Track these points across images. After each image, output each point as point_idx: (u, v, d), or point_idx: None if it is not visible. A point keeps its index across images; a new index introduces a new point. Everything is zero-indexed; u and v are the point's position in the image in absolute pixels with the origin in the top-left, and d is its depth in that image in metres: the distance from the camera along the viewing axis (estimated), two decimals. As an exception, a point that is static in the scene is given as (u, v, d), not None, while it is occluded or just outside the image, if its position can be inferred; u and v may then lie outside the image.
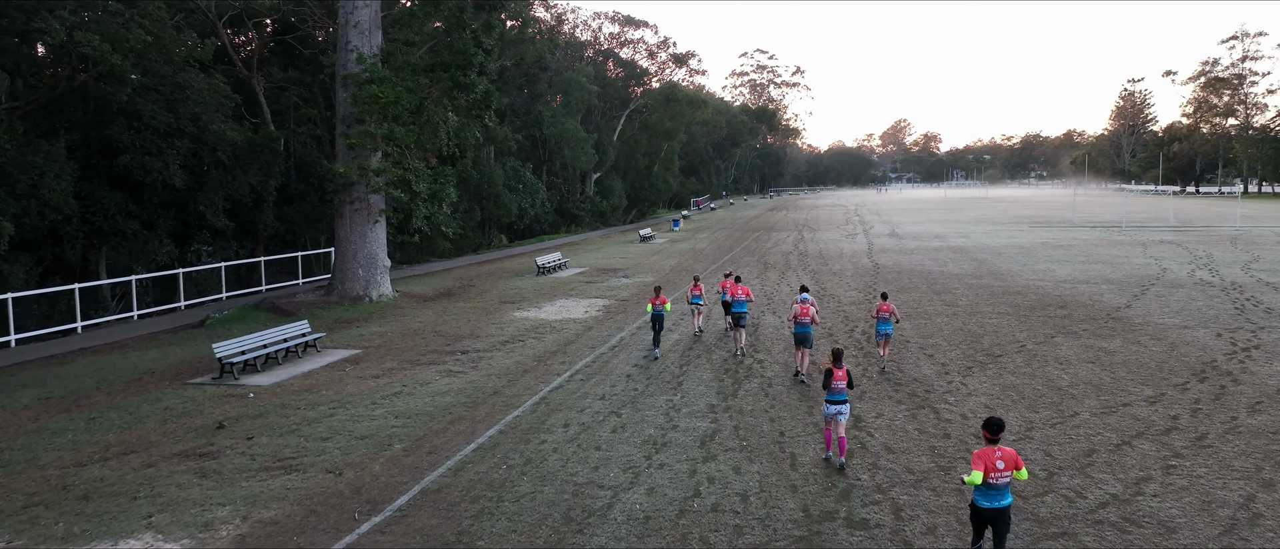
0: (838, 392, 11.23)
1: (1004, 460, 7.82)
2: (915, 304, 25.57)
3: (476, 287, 33.07)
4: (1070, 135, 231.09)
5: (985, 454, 7.84)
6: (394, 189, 27.97)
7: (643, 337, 21.47)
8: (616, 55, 76.45)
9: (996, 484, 7.81)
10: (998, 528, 7.94)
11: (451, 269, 40.46)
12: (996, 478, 7.79)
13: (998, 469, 7.79)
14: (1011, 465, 7.85)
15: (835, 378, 11.23)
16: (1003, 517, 7.91)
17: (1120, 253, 39.60)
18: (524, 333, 22.54)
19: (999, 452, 7.85)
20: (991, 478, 7.77)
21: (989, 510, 7.89)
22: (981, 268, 34.81)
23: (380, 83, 26.67)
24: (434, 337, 22.32)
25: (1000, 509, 7.89)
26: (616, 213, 76.55)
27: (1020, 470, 7.92)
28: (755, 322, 23.28)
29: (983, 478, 7.74)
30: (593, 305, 27.34)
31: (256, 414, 14.95)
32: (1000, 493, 7.86)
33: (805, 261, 39.49)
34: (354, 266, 28.33)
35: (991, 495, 7.86)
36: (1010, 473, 7.85)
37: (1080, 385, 15.56)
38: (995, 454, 7.83)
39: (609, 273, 37.14)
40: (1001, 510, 7.89)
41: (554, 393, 15.97)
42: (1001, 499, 7.87)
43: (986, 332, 20.99)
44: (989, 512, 7.90)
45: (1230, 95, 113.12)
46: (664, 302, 19.18)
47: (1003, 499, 7.88)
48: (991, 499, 7.87)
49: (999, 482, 7.81)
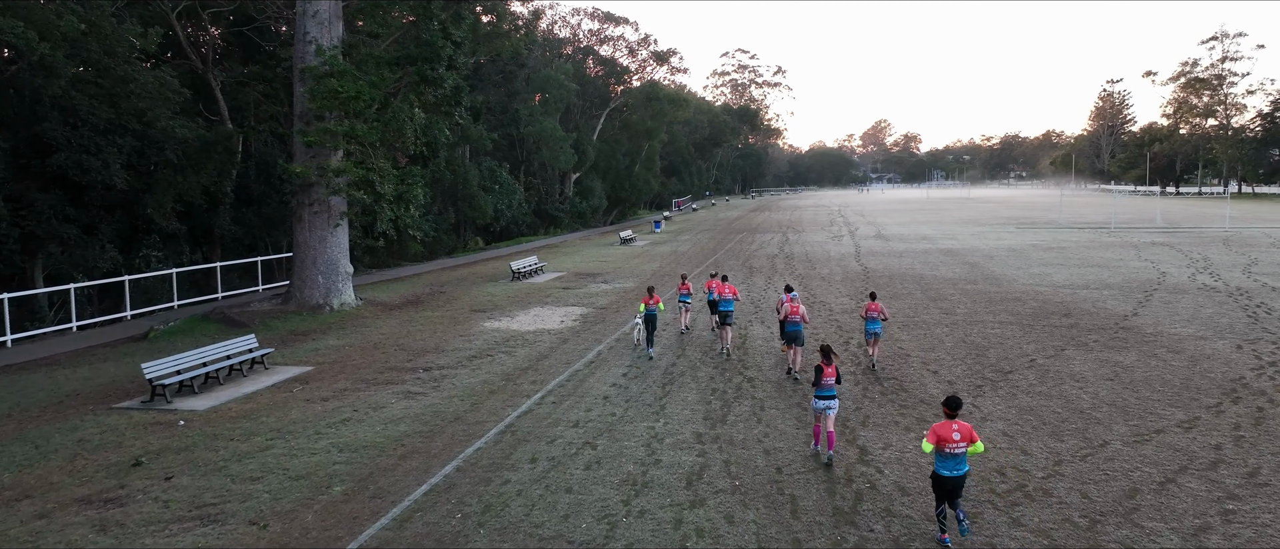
0: (827, 388, 11.51)
1: (960, 433, 8.80)
2: (912, 312, 24.12)
3: (447, 293, 31.26)
4: (1049, 136, 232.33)
5: (942, 428, 8.84)
6: (356, 190, 26.13)
7: (622, 351, 19.86)
8: (596, 53, 74.70)
9: (954, 453, 8.75)
10: (951, 495, 8.94)
11: (422, 274, 38.59)
12: (953, 448, 8.75)
13: (954, 441, 8.75)
14: (967, 439, 8.81)
15: (825, 374, 11.54)
16: (961, 484, 8.93)
17: (1114, 255, 38.49)
18: (493, 347, 20.82)
19: (955, 425, 8.83)
20: (949, 448, 8.74)
21: (948, 478, 8.85)
22: (975, 272, 33.50)
23: (340, 76, 24.83)
24: (395, 351, 20.54)
25: (958, 477, 8.85)
26: (597, 214, 74.85)
27: (976, 444, 8.87)
28: (743, 331, 21.73)
29: (935, 448, 8.79)
30: (569, 315, 25.66)
31: (182, 447, 13.15)
32: (958, 462, 8.81)
33: (792, 265, 38.03)
34: (313, 274, 26.45)
35: (950, 464, 8.81)
36: (966, 445, 8.78)
37: (1103, 407, 14.11)
38: (952, 427, 8.79)
39: (587, 278, 35.46)
40: (959, 478, 8.87)
41: (522, 419, 14.28)
42: (959, 468, 8.83)
43: (991, 343, 19.55)
44: (949, 479, 8.86)
45: (1210, 96, 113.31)
46: (657, 301, 19.23)
47: (960, 468, 8.84)
48: (950, 468, 8.82)
49: (956, 452, 8.75)
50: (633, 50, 76.21)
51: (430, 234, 45.06)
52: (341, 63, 25.36)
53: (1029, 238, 49.46)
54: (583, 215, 71.55)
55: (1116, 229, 54.67)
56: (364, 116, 26.11)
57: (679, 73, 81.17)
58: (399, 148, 30.10)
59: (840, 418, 13.79)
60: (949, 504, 8.99)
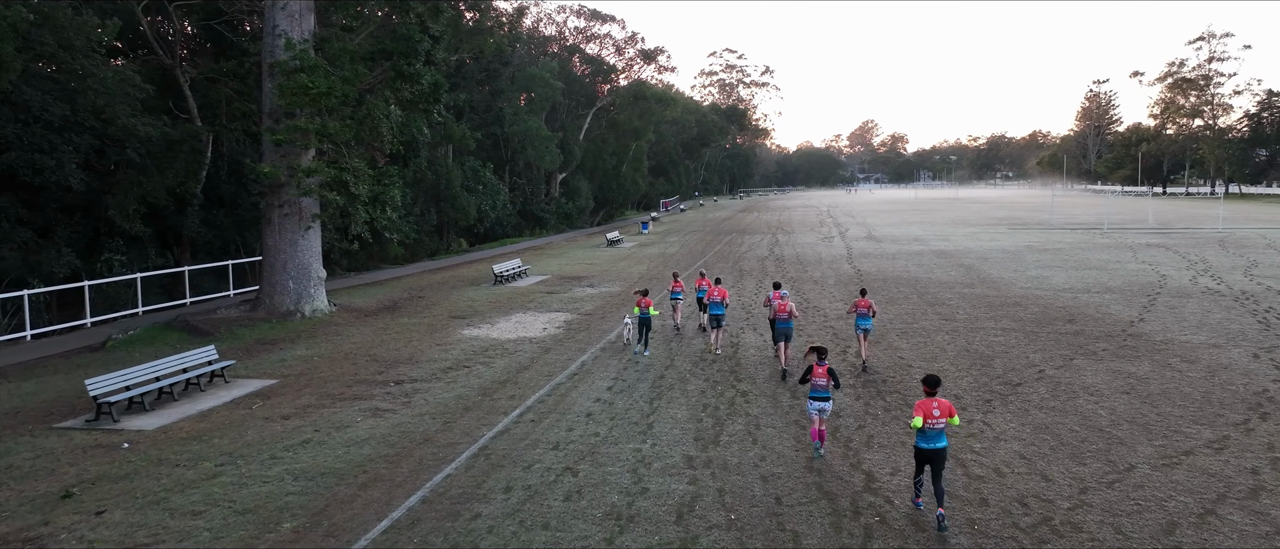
0: (819, 389, 11.60)
1: (939, 409, 9.47)
2: (910, 318, 23.14)
3: (426, 298, 30.04)
4: (1035, 136, 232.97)
5: (924, 404, 9.53)
6: (328, 191, 24.90)
7: (607, 360, 18.76)
8: (582, 51, 73.51)
9: (934, 428, 9.45)
10: (935, 466, 9.53)
11: (402, 278, 37.33)
12: (933, 423, 9.43)
13: (934, 416, 9.43)
14: (945, 413, 9.48)
15: (815, 374, 11.64)
16: (939, 456, 9.52)
17: (1110, 257, 37.74)
18: (471, 357, 19.65)
19: (935, 402, 9.51)
20: (929, 423, 9.42)
21: (927, 450, 9.53)
22: (971, 275, 32.61)
23: (311, 71, 23.60)
24: (366, 362, 19.34)
25: (937, 449, 9.50)
26: (583, 215, 73.68)
27: (953, 417, 9.54)
28: (735, 339, 20.69)
29: (923, 422, 9.41)
30: (552, 321, 24.53)
31: (122, 474, 11.94)
32: (937, 436, 9.49)
33: (783, 267, 37.04)
34: (283, 279, 25.19)
35: (929, 438, 9.49)
36: (945, 419, 9.47)
37: (1123, 425, 13.13)
38: (932, 404, 9.49)
39: (572, 281, 34.32)
40: (938, 450, 9.51)
41: (498, 440, 13.15)
42: (938, 441, 9.50)
43: (996, 353, 18.58)
44: (928, 452, 9.53)
45: (1197, 96, 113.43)
46: (650, 304, 19.22)
47: (939, 441, 9.50)
48: (930, 441, 9.50)
49: (935, 426, 9.45)
50: (619, 48, 75.16)
51: (411, 236, 43.80)
52: (312, 57, 24.14)
53: (1022, 239, 48.72)
54: (569, 216, 70.39)
55: (1109, 230, 54.07)
56: (337, 114, 24.90)
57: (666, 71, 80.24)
58: (377, 147, 28.87)
59: (843, 438, 12.76)
60: (931, 479, 9.63)
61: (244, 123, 34.53)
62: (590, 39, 74.35)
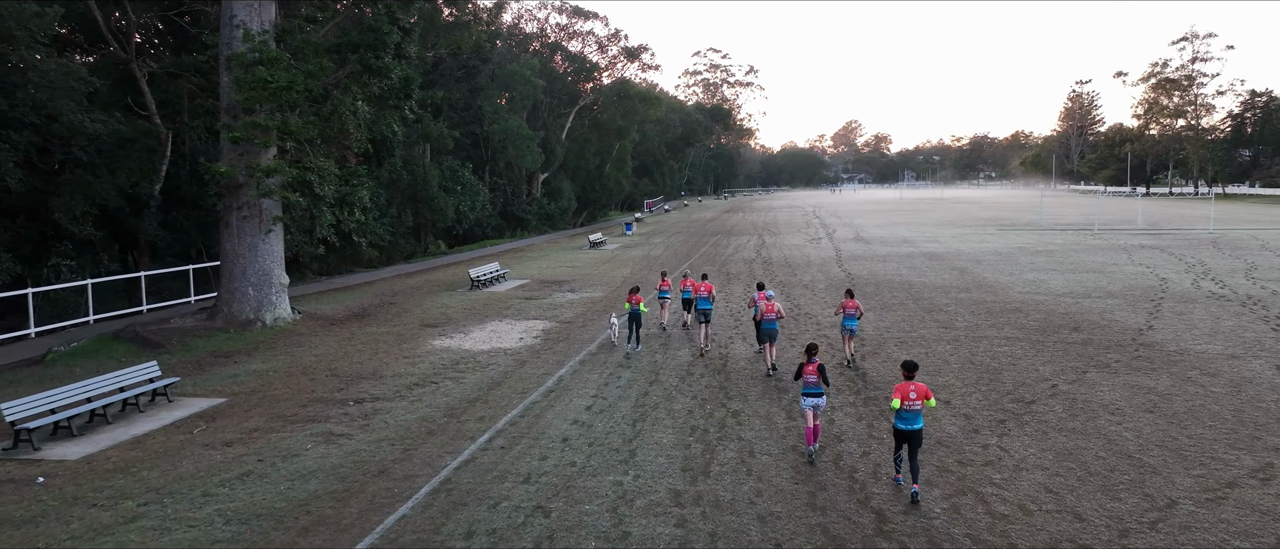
0: (811, 386, 11.62)
1: (916, 392, 10.09)
2: (907, 326, 21.94)
3: (397, 304, 28.53)
4: (1018, 136, 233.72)
5: (902, 387, 10.13)
6: (290, 192, 23.39)
7: (587, 375, 17.40)
8: (564, 48, 72.02)
9: (911, 409, 10.06)
10: (912, 445, 10.18)
11: (375, 282, 35.76)
12: (909, 405, 10.04)
13: (910, 399, 10.05)
14: (922, 396, 10.12)
15: (806, 371, 11.66)
16: (915, 437, 10.15)
17: (1105, 259, 36.81)
18: (440, 371, 18.22)
19: (913, 386, 10.12)
20: (907, 405, 10.03)
21: (905, 431, 10.16)
22: (965, 278, 31.52)
23: (270, 64, 22.08)
24: (325, 378, 17.86)
25: (914, 431, 10.13)
26: (565, 216, 72.22)
27: (929, 400, 10.19)
28: (723, 349, 19.39)
29: (900, 404, 10.04)
30: (530, 330, 23.11)
31: (29, 516, 10.46)
32: (914, 417, 10.09)
33: (771, 270, 35.82)
34: (242, 285, 23.63)
35: (907, 419, 10.11)
36: (921, 402, 10.09)
37: (1153, 449, 11.94)
38: (909, 387, 10.09)
39: (553, 286, 32.91)
40: (915, 432, 10.13)
41: (463, 471, 11.77)
42: (915, 422, 10.11)
43: (1002, 364, 17.39)
44: (905, 432, 10.17)
45: (1180, 97, 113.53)
46: (639, 301, 19.60)
47: (916, 422, 10.12)
48: (908, 422, 10.12)
49: (912, 408, 10.05)
50: (602, 46, 73.71)
51: (386, 238, 42.21)
52: (272, 49, 22.60)
53: (1013, 240, 47.82)
54: (551, 217, 68.91)
55: (1100, 231, 53.32)
56: (299, 110, 23.39)
57: (651, 69, 78.85)
58: (347, 146, 27.35)
59: (847, 468, 11.49)
60: (908, 457, 10.29)
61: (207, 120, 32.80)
62: (573, 36, 72.98)
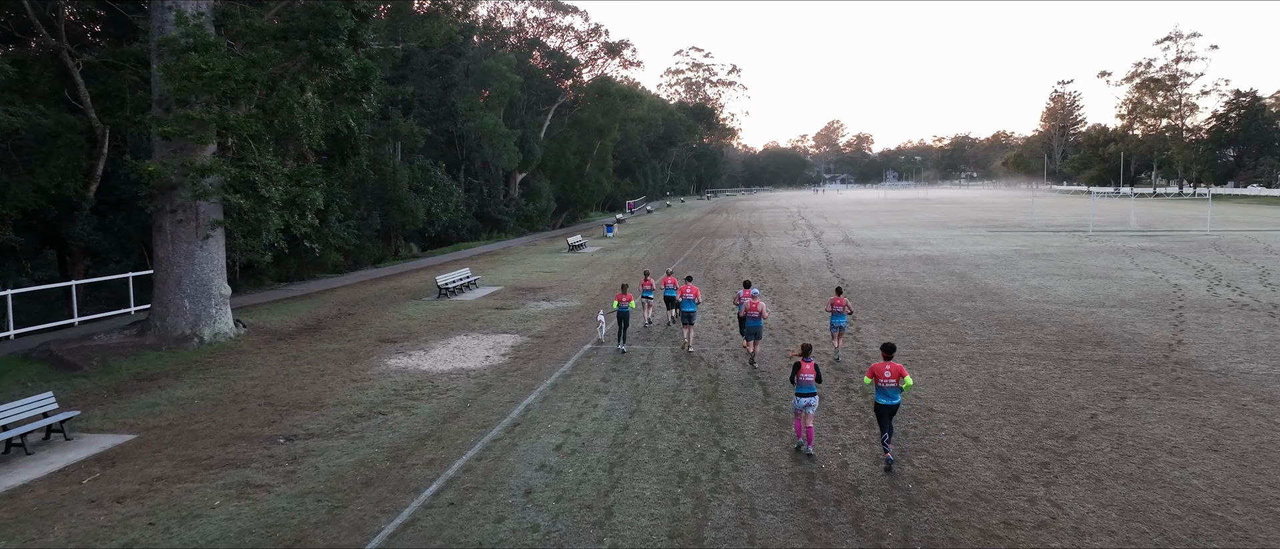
0: (806, 385, 11.80)
1: (891, 372, 11.19)
2: (914, 341, 19.92)
3: (356, 315, 26.17)
4: (999, 137, 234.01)
5: (878, 367, 11.29)
6: (232, 193, 21.01)
7: (558, 402, 15.22)
8: (543, 44, 69.67)
9: (887, 387, 11.21)
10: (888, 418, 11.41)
11: (336, 289, 33.32)
12: (885, 383, 11.20)
13: (886, 378, 11.18)
14: (896, 375, 11.19)
15: (803, 370, 11.80)
16: (892, 410, 11.38)
17: (1109, 263, 35.12)
18: (391, 398, 15.96)
19: (888, 366, 11.23)
20: (881, 383, 11.21)
21: (883, 405, 11.35)
22: (967, 285, 29.64)
23: (206, 50, 19.71)
24: (258, 407, 15.54)
25: (892, 405, 11.32)
26: (544, 217, 69.85)
27: (906, 379, 11.22)
28: (714, 370, 17.28)
29: (873, 382, 11.30)
30: (498, 346, 20.87)
31: None
32: (893, 394, 11.24)
33: (759, 275, 33.79)
34: (176, 297, 21.21)
35: (885, 394, 11.27)
36: (896, 380, 11.18)
37: (1235, 504, 9.96)
38: (885, 368, 11.22)
39: (527, 294, 30.65)
40: (892, 406, 11.33)
41: (400, 538, 9.56)
42: (892, 398, 11.28)
43: (1028, 389, 15.40)
44: (883, 406, 11.35)
45: (1164, 96, 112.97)
46: (629, 299, 19.79)
47: (894, 398, 11.28)
48: (886, 397, 11.29)
49: (888, 386, 11.19)
50: (582, 41, 71.40)
51: (351, 242, 39.74)
52: (208, 34, 20.21)
53: (1007, 243, 46.14)
54: (529, 218, 66.54)
55: (1095, 233, 51.83)
56: (241, 102, 21.01)
57: (632, 66, 76.76)
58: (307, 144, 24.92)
59: (872, 531, 9.39)
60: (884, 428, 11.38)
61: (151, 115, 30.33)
62: (551, 31, 70.60)
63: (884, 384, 11.13)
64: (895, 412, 11.39)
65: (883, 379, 11.14)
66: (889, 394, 11.18)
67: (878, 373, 11.20)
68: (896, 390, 11.15)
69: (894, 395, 11.19)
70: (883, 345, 11.57)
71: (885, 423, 11.35)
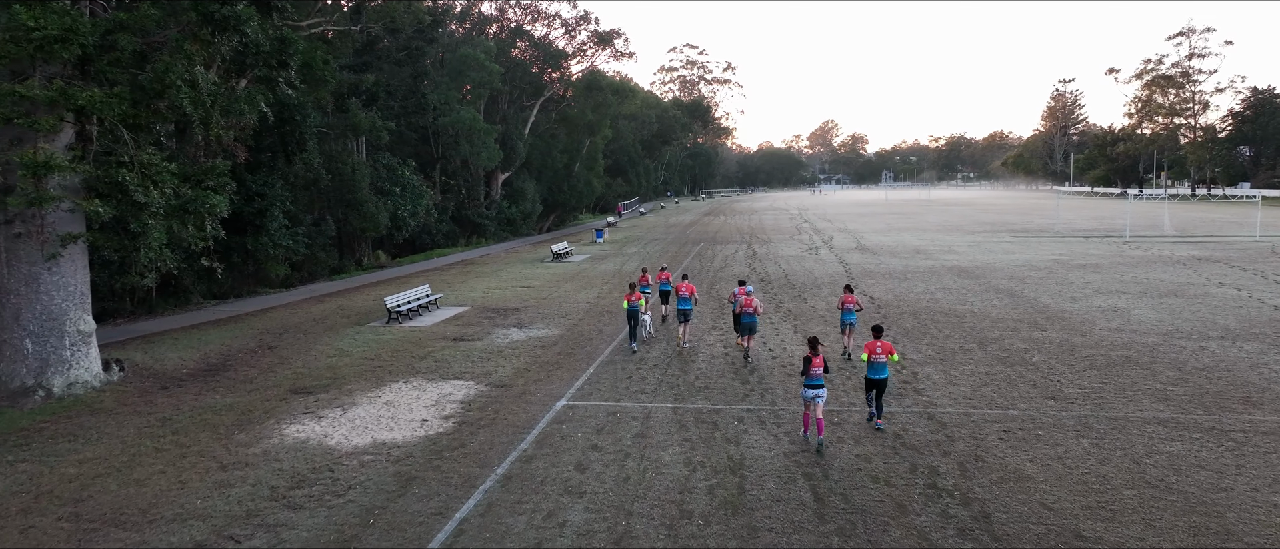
0: (815, 377, 12.14)
1: (882, 349, 12.70)
2: (996, 394, 14.87)
3: (278, 350, 20.99)
4: (996, 137, 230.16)
5: (870, 345, 12.81)
6: (92, 199, 15.84)
7: (508, 518, 10.15)
8: (527, 33, 64.45)
9: (877, 362, 12.69)
10: (878, 391, 12.95)
11: (271, 310, 28.07)
12: (876, 358, 12.68)
13: (877, 353, 12.68)
14: (886, 352, 12.69)
15: (814, 364, 12.12)
16: (882, 384, 12.89)
17: (1174, 278, 30.26)
18: (259, 506, 10.81)
19: (879, 344, 12.76)
20: (873, 358, 12.69)
21: (873, 379, 12.86)
22: (1022, 306, 24.69)
23: (36, 4, 14.54)
24: (55, 527, 10.37)
25: (881, 379, 12.83)
26: (529, 221, 64.63)
27: (893, 355, 12.76)
28: (737, 443, 12.24)
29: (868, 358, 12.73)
30: (444, 402, 15.72)
31: None
32: (881, 368, 12.74)
33: (772, 292, 28.80)
34: (14, 336, 16.03)
35: (874, 369, 12.77)
36: (886, 356, 12.66)
37: None
38: (877, 345, 12.73)
39: (496, 317, 25.50)
40: (881, 380, 12.85)
41: None
42: (881, 373, 12.79)
43: (1203, 489, 10.41)
44: (873, 380, 12.87)
45: (1175, 94, 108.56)
46: (639, 298, 19.47)
47: (882, 373, 12.79)
48: (875, 372, 12.79)
49: (878, 361, 12.68)
50: (570, 30, 66.22)
51: (301, 251, 34.52)
52: (48, -17, 15.03)
53: (1041, 251, 41.26)
54: (512, 222, 61.31)
55: (1133, 238, 47.05)
56: (101, 75, 15.86)
57: (624, 57, 71.39)
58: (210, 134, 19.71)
59: None
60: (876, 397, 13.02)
61: None
62: (537, 18, 65.43)
63: (875, 359, 12.69)
64: (885, 386, 12.95)
65: (874, 356, 12.70)
66: (878, 369, 12.75)
67: (870, 350, 12.77)
68: (883, 365, 12.72)
69: (882, 370, 12.77)
70: (873, 327, 13.46)
71: (879, 395, 12.97)
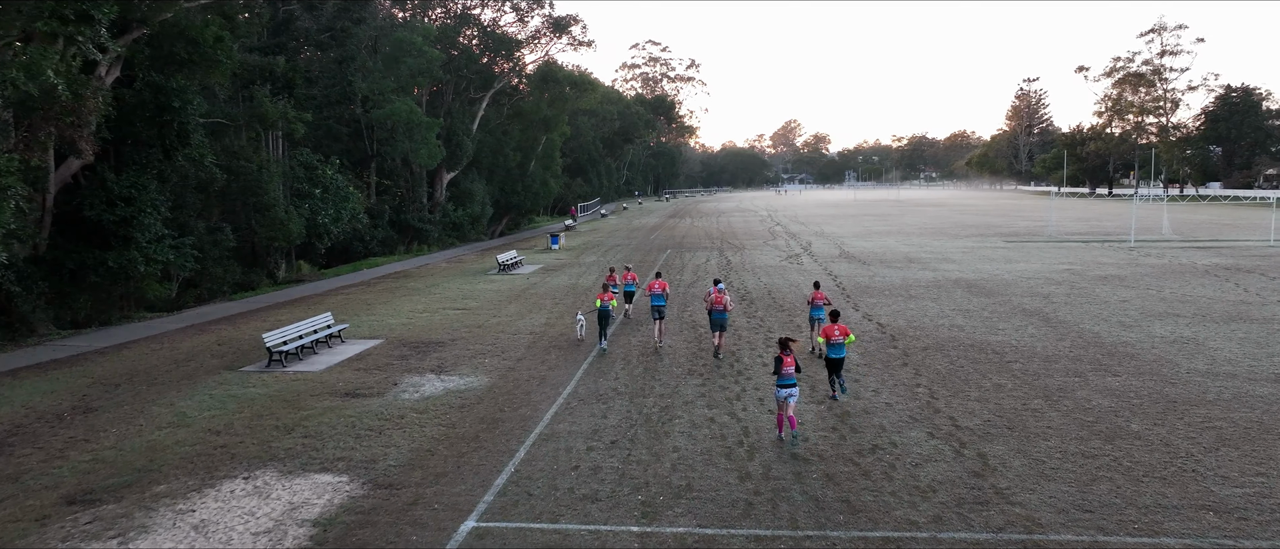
0: (788, 377, 12.29)
1: (840, 331, 14.12)
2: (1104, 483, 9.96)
3: (96, 414, 15.33)
4: (958, 137, 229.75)
5: (827, 328, 14.24)
6: None
7: None
8: (474, 18, 58.81)
9: (834, 343, 14.11)
10: (836, 369, 14.34)
11: (126, 346, 22.18)
12: (834, 340, 14.07)
13: (835, 336, 14.07)
14: (843, 334, 14.12)
15: (785, 364, 12.28)
16: (839, 363, 14.34)
17: (1223, 294, 26.04)
18: None
19: (836, 327, 14.18)
20: (831, 340, 14.08)
21: (833, 359, 14.26)
22: (1068, 337, 20.04)
23: None
24: None
25: (838, 359, 14.26)
26: (478, 225, 58.92)
27: (849, 337, 14.22)
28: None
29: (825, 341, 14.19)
30: (291, 520, 10.29)
31: None
32: (839, 348, 14.18)
33: (753, 311, 23.88)
34: None
35: (833, 349, 14.18)
36: (842, 338, 14.08)
37: None
38: (834, 328, 14.15)
39: (414, 356, 20.00)
40: (838, 359, 14.29)
41: None
42: (839, 352, 14.23)
43: None
44: (832, 359, 14.27)
45: (1146, 92, 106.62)
46: (611, 299, 19.47)
47: (840, 352, 14.23)
48: (835, 352, 14.19)
49: (835, 342, 14.09)
50: (522, 15, 60.78)
51: (190, 266, 28.62)
52: None
53: (1046, 259, 37.03)
54: (459, 227, 55.57)
55: (1138, 243, 43.19)
56: None
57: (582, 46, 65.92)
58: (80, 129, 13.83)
59: None
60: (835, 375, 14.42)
61: None
62: (485, 2, 59.81)
63: (834, 341, 14.12)
64: (842, 364, 14.45)
65: (832, 338, 14.13)
66: (837, 348, 14.21)
67: (827, 333, 14.24)
68: (841, 346, 14.17)
69: (841, 349, 14.24)
70: (830, 312, 15.42)
71: (835, 372, 14.42)
